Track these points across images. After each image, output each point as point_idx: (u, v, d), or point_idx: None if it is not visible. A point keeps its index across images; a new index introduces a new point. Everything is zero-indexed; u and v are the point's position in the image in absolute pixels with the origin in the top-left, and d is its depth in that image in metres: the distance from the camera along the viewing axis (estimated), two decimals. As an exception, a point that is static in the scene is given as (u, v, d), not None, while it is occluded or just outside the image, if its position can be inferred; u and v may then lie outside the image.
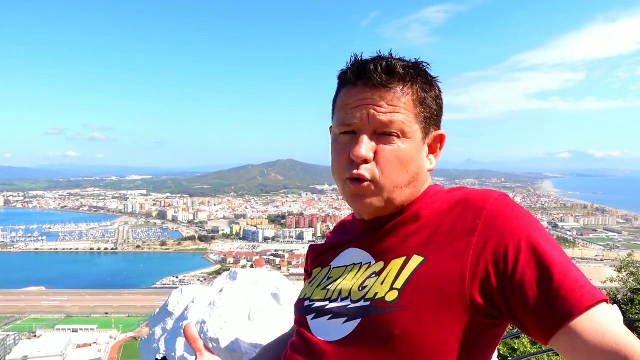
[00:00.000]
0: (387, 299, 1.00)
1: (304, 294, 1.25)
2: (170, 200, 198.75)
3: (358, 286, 1.09)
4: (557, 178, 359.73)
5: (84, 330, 70.45)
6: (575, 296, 0.89)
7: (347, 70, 1.13)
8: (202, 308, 2.89)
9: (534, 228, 0.99)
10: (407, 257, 1.05)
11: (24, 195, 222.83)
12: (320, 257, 1.32)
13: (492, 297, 0.96)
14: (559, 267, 0.92)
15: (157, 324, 3.11)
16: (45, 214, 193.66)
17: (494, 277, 0.96)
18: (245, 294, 2.81)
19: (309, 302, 1.19)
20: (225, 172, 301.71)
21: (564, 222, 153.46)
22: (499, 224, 1.00)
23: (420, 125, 1.11)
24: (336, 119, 1.14)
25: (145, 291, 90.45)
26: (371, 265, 1.11)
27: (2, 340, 62.78)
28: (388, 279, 1.04)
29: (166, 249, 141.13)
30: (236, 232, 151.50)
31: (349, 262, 1.19)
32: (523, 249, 0.95)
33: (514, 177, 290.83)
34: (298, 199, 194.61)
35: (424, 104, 1.11)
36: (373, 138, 1.08)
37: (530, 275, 0.93)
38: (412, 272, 1.01)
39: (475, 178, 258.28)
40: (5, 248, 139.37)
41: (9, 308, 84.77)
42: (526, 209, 1.04)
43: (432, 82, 1.15)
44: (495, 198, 1.04)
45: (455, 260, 0.99)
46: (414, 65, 1.12)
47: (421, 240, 1.06)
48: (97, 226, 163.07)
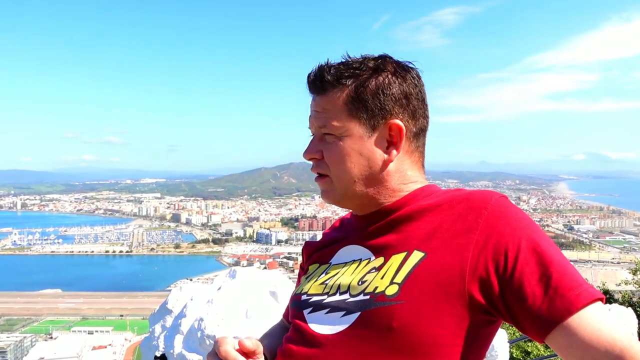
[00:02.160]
0: (387, 293, 1.02)
1: (300, 289, 1.26)
2: (184, 203, 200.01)
3: (357, 281, 1.10)
4: (573, 180, 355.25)
5: (100, 332, 71.02)
6: (572, 294, 0.91)
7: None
8: (200, 305, 2.93)
9: (533, 229, 1.02)
10: (407, 253, 1.06)
11: (41, 199, 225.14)
12: (317, 254, 1.32)
13: (490, 294, 0.98)
14: (557, 266, 0.95)
15: (156, 321, 3.15)
16: (61, 217, 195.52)
17: (493, 275, 0.98)
18: (243, 291, 2.86)
19: (306, 297, 1.19)
20: (238, 175, 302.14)
21: (579, 225, 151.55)
22: (500, 224, 1.02)
23: (357, 121, 1.14)
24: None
25: (159, 293, 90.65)
26: (371, 260, 1.13)
27: (19, 342, 63.55)
28: (388, 274, 1.05)
29: (180, 252, 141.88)
30: (249, 235, 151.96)
31: (347, 259, 1.20)
32: (523, 249, 0.97)
33: (528, 179, 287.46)
34: (311, 202, 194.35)
35: (359, 99, 1.14)
36: (321, 139, 1.19)
37: (529, 274, 0.95)
38: (413, 267, 1.03)
39: (490, 180, 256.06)
40: (22, 251, 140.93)
41: (26, 310, 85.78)
42: (524, 211, 1.07)
43: (376, 75, 1.15)
44: (496, 199, 1.07)
45: (455, 257, 1.01)
46: (352, 64, 1.16)
47: (422, 237, 1.07)
48: (112, 229, 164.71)
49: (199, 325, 2.74)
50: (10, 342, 62.26)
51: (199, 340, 2.75)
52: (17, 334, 70.98)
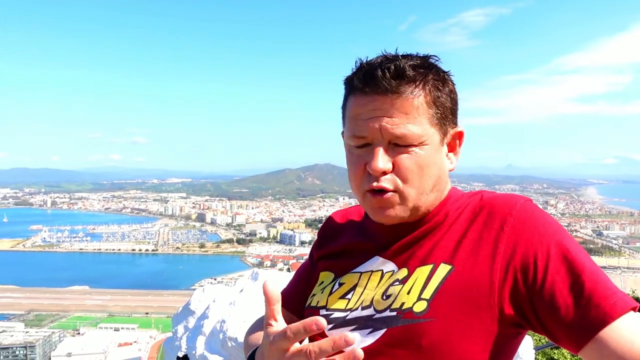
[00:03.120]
0: (415, 310, 0.97)
1: (316, 301, 1.16)
2: (209, 203, 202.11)
3: (381, 295, 1.04)
4: (602, 184, 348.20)
5: (125, 329, 72.18)
6: (608, 304, 0.86)
7: (354, 77, 1.05)
8: (222, 307, 2.94)
9: (562, 234, 0.96)
10: (434, 266, 1.02)
11: (70, 197, 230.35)
12: (334, 261, 1.23)
13: (520, 306, 0.94)
14: (590, 274, 0.90)
15: (179, 322, 3.18)
16: (89, 215, 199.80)
17: (523, 286, 0.93)
18: (275, 291, 2.87)
19: (326, 312, 1.12)
20: (263, 176, 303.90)
21: (609, 230, 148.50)
22: (526, 231, 0.97)
23: (436, 127, 1.04)
24: (348, 129, 1.07)
25: (184, 292, 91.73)
26: (394, 272, 1.07)
27: (47, 337, 64.89)
28: (415, 288, 1.00)
29: (205, 251, 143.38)
30: (273, 236, 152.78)
31: (367, 269, 1.13)
32: (552, 256, 0.93)
33: (556, 183, 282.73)
34: (335, 203, 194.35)
35: (437, 103, 1.04)
36: (389, 148, 1.02)
37: (560, 283, 0.90)
38: (441, 281, 0.98)
39: (516, 184, 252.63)
40: (52, 248, 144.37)
41: (55, 306, 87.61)
42: (551, 215, 1.02)
43: (445, 77, 1.07)
44: (521, 204, 1.01)
45: (483, 269, 0.96)
46: (423, 62, 1.04)
47: (448, 248, 1.03)
48: (138, 228, 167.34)
49: (221, 327, 2.75)
50: (39, 337, 63.60)
51: (220, 342, 2.75)
52: (45, 329, 72.51)
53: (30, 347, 61.18)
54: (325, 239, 1.31)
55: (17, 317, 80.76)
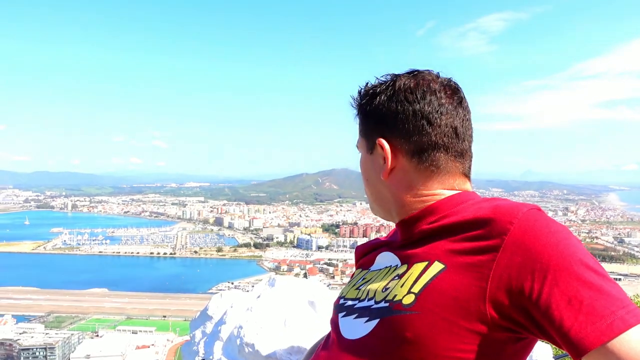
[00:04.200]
0: (403, 302, 1.02)
1: (342, 292, 1.30)
2: (227, 207, 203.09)
3: (382, 287, 1.12)
4: (624, 191, 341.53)
5: (143, 332, 72.67)
6: (604, 323, 0.85)
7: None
8: (240, 313, 2.94)
9: (566, 245, 0.94)
10: (428, 263, 1.06)
11: (90, 200, 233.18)
12: (363, 259, 1.38)
13: (513, 315, 0.95)
14: (590, 289, 0.88)
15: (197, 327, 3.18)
16: (109, 218, 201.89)
17: (517, 297, 0.93)
18: (282, 300, 2.85)
19: (343, 300, 1.25)
20: (280, 181, 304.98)
21: (630, 237, 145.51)
22: (526, 241, 0.96)
23: (365, 139, 1.25)
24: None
25: (201, 296, 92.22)
26: (397, 267, 1.15)
27: (67, 339, 65.64)
28: (407, 282, 1.06)
29: (222, 255, 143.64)
30: (290, 240, 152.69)
31: (382, 265, 1.23)
32: (552, 268, 0.91)
33: (576, 189, 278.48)
34: (352, 208, 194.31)
35: (366, 117, 1.24)
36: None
37: (558, 296, 0.89)
38: (431, 278, 1.02)
39: (536, 190, 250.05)
40: (72, 250, 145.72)
41: (74, 308, 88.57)
42: (560, 223, 1.00)
43: (375, 93, 1.20)
44: (524, 213, 1.00)
45: (475, 274, 0.98)
46: (373, 87, 1.22)
47: (445, 248, 1.06)
48: (157, 231, 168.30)
49: (238, 332, 2.74)
50: (59, 339, 64.32)
51: (238, 347, 2.74)
52: (65, 330, 73.23)
53: (50, 348, 61.95)
54: (358, 251, 1.46)
55: (37, 318, 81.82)
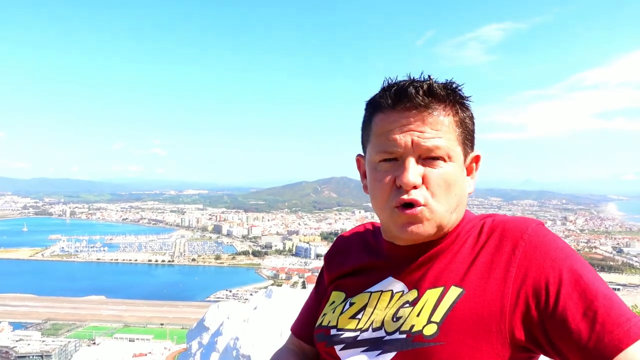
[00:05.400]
0: (425, 333, 0.97)
1: (327, 320, 1.17)
2: (226, 215, 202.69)
3: (391, 316, 1.05)
4: (622, 201, 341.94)
5: (140, 339, 72.29)
6: (621, 330, 0.85)
7: (382, 95, 1.08)
8: (236, 324, 2.90)
9: (575, 258, 0.96)
10: (444, 288, 1.01)
11: (89, 207, 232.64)
12: (345, 280, 1.24)
13: (532, 331, 0.93)
14: (603, 300, 0.89)
15: (193, 338, 3.14)
16: (107, 225, 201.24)
17: (535, 311, 0.92)
18: (279, 311, 2.81)
19: (336, 331, 1.12)
20: (279, 189, 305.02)
21: (629, 247, 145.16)
22: (538, 255, 0.96)
23: (461, 147, 1.08)
24: (374, 146, 1.09)
25: (199, 304, 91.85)
26: (404, 293, 1.07)
27: (63, 347, 65.34)
28: (425, 311, 1.00)
29: (220, 263, 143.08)
30: (289, 248, 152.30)
31: (377, 289, 1.13)
32: (565, 281, 0.92)
33: (575, 198, 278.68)
34: (351, 217, 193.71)
35: (463, 124, 1.08)
36: (419, 162, 1.04)
37: (573, 308, 0.89)
38: (451, 304, 0.98)
39: (534, 199, 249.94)
40: (70, 257, 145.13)
41: (71, 315, 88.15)
42: (563, 239, 1.01)
43: (467, 102, 1.11)
44: (532, 228, 1.01)
45: (494, 293, 0.96)
46: (451, 84, 1.08)
47: (459, 271, 1.02)
48: (155, 238, 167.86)
49: (234, 344, 2.76)
50: (56, 346, 64.04)
51: (234, 359, 2.70)
52: (62, 338, 72.89)
53: (46, 356, 61.67)
54: (335, 261, 1.31)
55: (34, 325, 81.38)
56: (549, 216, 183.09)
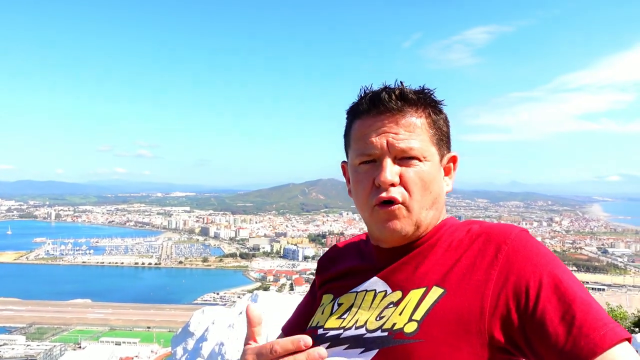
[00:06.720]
0: (405, 330, 0.99)
1: (316, 321, 1.22)
2: (213, 217, 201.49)
3: (375, 316, 1.07)
4: (607, 202, 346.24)
5: (127, 343, 71.71)
6: (597, 334, 0.87)
7: (359, 102, 1.16)
8: (221, 329, 2.89)
9: (555, 265, 0.99)
10: (426, 288, 1.04)
11: (74, 210, 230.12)
12: (334, 284, 1.29)
13: (511, 333, 0.96)
14: (581, 304, 0.91)
15: (178, 343, 3.12)
16: (93, 228, 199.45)
17: (514, 313, 0.95)
18: (264, 316, 2.81)
19: (323, 331, 1.16)
20: (267, 191, 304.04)
21: (614, 248, 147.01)
22: (520, 260, 0.99)
23: (435, 147, 1.14)
24: (353, 150, 1.16)
25: (186, 307, 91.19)
26: (387, 294, 1.10)
27: (49, 351, 64.50)
28: (407, 310, 1.03)
29: (208, 265, 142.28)
30: (276, 250, 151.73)
31: (362, 289, 1.17)
32: (545, 285, 0.94)
33: (561, 200, 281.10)
34: (339, 219, 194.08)
35: (436, 126, 1.14)
36: (395, 163, 1.10)
37: (551, 312, 0.92)
38: (432, 303, 1.01)
39: (520, 200, 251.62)
40: (55, 260, 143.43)
41: (56, 319, 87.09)
42: (545, 246, 1.04)
43: (440, 105, 1.18)
44: (516, 234, 1.04)
45: (475, 294, 0.98)
46: (423, 90, 1.15)
47: (441, 272, 1.05)
48: (142, 241, 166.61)
49: (219, 349, 2.75)
50: (41, 351, 63.22)
51: (219, 364, 2.68)
52: (47, 342, 72.02)
53: (31, 360, 60.87)
54: (326, 265, 1.37)
55: (19, 330, 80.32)
56: (535, 217, 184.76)
